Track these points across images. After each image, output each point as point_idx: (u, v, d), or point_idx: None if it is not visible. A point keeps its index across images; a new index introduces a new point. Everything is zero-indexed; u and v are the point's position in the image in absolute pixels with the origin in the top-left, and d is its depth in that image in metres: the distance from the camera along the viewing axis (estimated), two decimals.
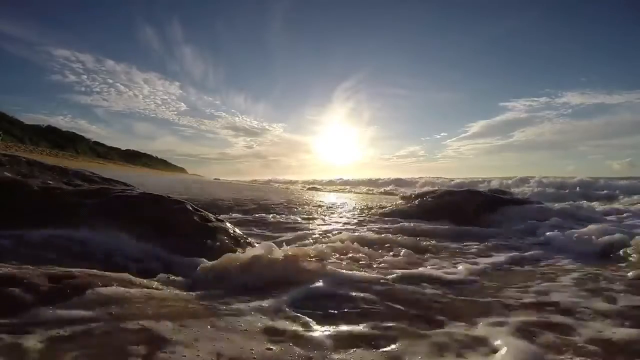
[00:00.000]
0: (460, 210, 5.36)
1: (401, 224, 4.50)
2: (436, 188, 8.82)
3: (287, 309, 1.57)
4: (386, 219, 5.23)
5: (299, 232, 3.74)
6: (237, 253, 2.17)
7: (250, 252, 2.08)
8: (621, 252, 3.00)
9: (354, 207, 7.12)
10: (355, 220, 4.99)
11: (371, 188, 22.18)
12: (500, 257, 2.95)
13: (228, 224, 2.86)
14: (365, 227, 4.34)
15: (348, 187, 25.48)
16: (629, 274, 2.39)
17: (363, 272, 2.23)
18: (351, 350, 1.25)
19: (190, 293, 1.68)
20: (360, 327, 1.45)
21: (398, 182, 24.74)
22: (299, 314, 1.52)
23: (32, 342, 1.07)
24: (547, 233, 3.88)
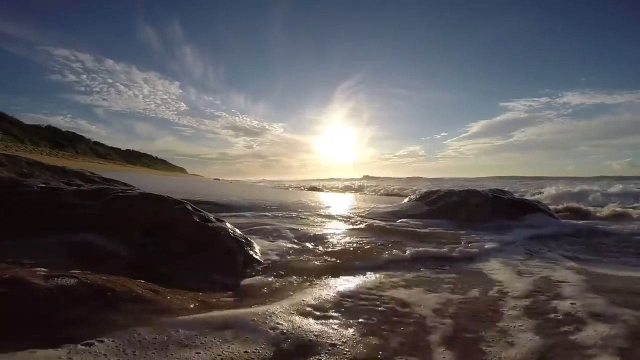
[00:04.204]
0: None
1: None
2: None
3: None
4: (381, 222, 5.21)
5: (299, 234, 3.73)
6: None
7: None
8: None
9: (355, 208, 7.11)
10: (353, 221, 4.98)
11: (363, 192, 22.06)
12: None
13: (228, 225, 2.85)
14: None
15: (348, 187, 25.42)
16: None
17: None
18: None
19: None
20: None
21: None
22: None
23: None
24: None
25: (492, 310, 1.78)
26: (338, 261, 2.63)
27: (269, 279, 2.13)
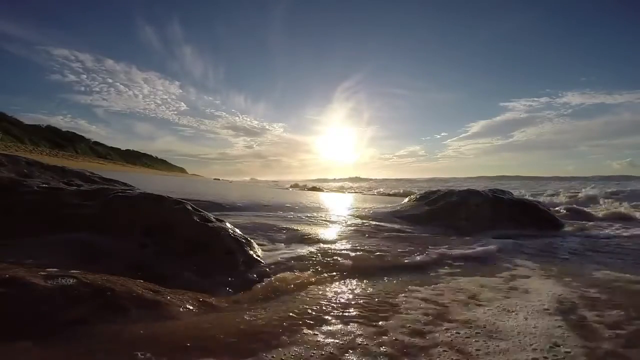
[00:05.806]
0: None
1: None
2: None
3: None
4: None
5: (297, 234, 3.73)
6: None
7: None
8: None
9: (355, 208, 7.10)
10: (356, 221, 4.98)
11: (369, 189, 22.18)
12: None
13: (228, 225, 2.84)
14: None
15: (347, 187, 25.47)
16: None
17: None
18: None
19: None
20: None
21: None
22: None
23: None
24: None
25: None
26: (338, 263, 2.61)
27: (270, 280, 2.13)
